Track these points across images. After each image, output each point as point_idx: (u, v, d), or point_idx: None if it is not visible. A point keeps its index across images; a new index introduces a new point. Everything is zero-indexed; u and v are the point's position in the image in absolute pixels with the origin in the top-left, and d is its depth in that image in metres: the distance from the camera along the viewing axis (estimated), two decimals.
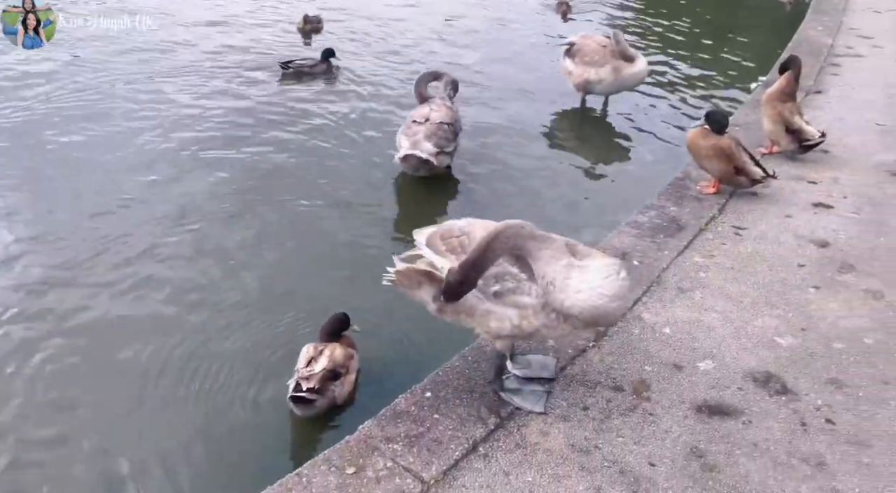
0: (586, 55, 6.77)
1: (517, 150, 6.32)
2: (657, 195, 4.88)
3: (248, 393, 3.47)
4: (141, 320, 3.99)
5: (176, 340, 3.80)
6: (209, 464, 3.11)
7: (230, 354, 3.72)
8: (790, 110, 5.28)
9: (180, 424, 3.30)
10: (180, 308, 4.08)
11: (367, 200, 5.38)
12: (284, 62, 7.74)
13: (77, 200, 5.15)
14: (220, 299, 4.16)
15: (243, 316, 4.01)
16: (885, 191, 5.10)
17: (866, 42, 8.77)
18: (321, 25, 9.13)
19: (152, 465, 3.10)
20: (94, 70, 7.47)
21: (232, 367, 3.63)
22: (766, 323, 3.59)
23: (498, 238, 2.43)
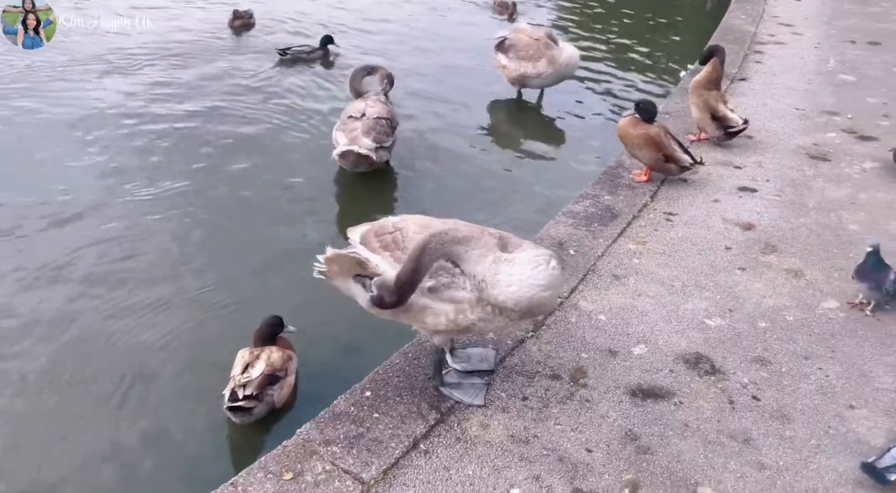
0: (521, 50, 6.83)
1: (454, 144, 6.34)
2: (591, 184, 4.98)
3: (181, 399, 3.37)
4: (66, 320, 3.84)
5: (103, 342, 3.67)
6: (141, 475, 3.01)
7: (161, 357, 3.62)
8: (715, 98, 5.46)
9: (109, 433, 3.18)
10: (105, 308, 3.94)
11: (304, 197, 5.30)
12: (282, 49, 7.86)
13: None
14: (148, 300, 4.03)
15: (173, 317, 3.90)
16: (804, 173, 5.34)
17: (787, 29, 9.14)
18: (252, 21, 8.87)
19: (79, 477, 2.99)
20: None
21: (163, 371, 3.53)
22: (695, 306, 3.72)
23: (425, 251, 2.43)
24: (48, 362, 3.57)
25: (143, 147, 5.83)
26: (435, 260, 2.50)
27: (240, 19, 8.78)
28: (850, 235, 4.49)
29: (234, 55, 8.02)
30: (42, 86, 6.83)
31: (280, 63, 7.76)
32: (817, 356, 3.39)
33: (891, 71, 7.76)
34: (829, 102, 6.75)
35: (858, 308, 3.74)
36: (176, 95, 6.86)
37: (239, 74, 7.47)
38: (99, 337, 3.74)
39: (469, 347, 3.28)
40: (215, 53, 8.00)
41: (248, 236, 4.74)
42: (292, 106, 6.85)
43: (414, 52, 8.58)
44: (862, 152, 5.74)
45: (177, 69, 7.48)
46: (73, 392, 3.40)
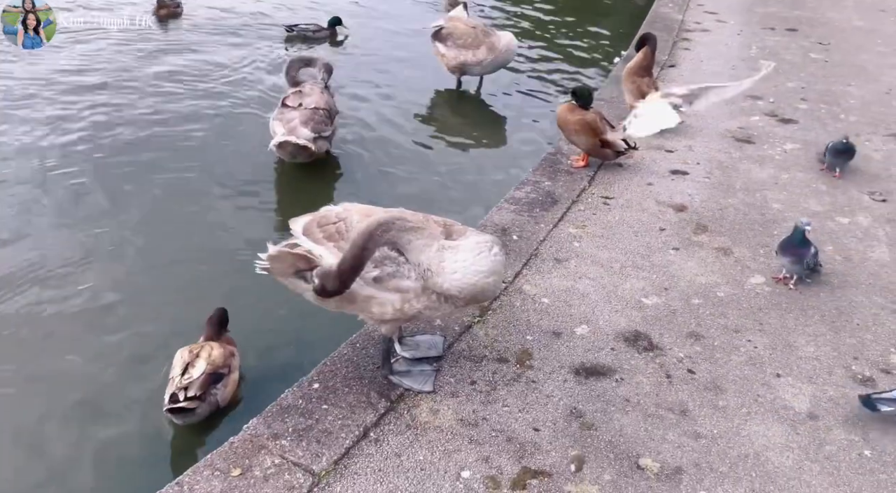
0: (459, 38, 6.85)
1: (395, 132, 6.31)
2: (532, 171, 5.06)
3: (121, 398, 3.27)
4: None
5: (36, 345, 3.51)
6: (82, 482, 2.90)
7: (99, 355, 3.49)
8: (647, 84, 5.64)
9: (46, 441, 3.05)
10: (36, 309, 3.77)
11: (242, 189, 5.18)
12: (289, 25, 8.10)
13: None
14: (81, 298, 3.87)
15: (108, 316, 3.76)
16: (731, 156, 5.59)
17: (712, 17, 9.50)
18: (179, 10, 8.52)
19: (15, 480, 2.87)
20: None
21: (101, 369, 3.41)
22: (633, 286, 3.85)
23: (370, 238, 2.42)
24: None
25: (78, 145, 5.54)
26: (378, 247, 2.50)
27: (165, 8, 8.42)
28: (774, 214, 4.73)
29: (161, 44, 7.72)
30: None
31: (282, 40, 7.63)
32: (746, 329, 3.58)
33: (807, 56, 8.19)
34: (752, 87, 7.06)
35: (783, 283, 3.96)
36: (106, 80, 6.58)
37: (173, 59, 7.21)
38: (33, 340, 3.57)
39: (417, 334, 3.30)
40: (140, 45, 7.70)
41: (185, 230, 4.59)
42: (231, 93, 6.66)
43: (352, 41, 8.48)
44: (783, 134, 6.05)
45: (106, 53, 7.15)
46: (7, 400, 3.23)
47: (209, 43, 7.83)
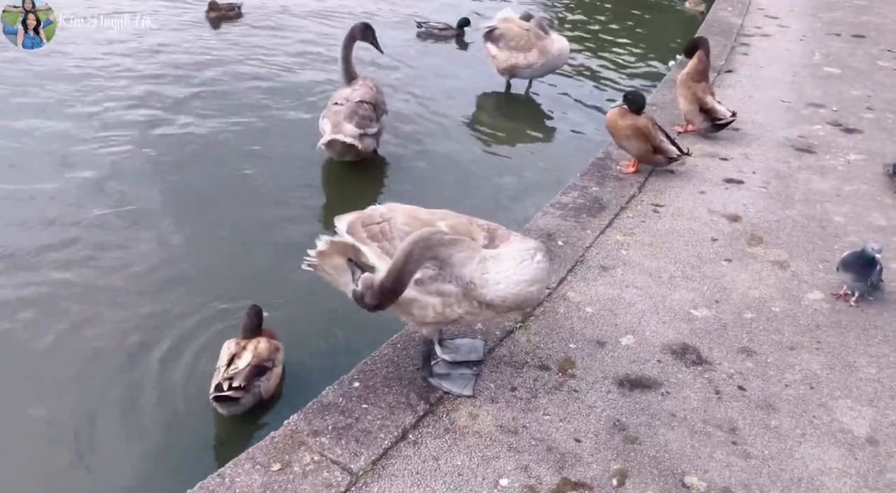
0: (511, 40, 6.79)
1: (442, 134, 6.30)
2: (580, 176, 4.98)
3: (167, 390, 3.34)
4: (50, 308, 3.79)
5: (83, 335, 3.62)
6: (127, 469, 2.98)
7: (146, 347, 3.57)
8: (703, 90, 5.48)
9: (93, 428, 3.13)
10: (91, 296, 3.89)
11: (292, 186, 5.25)
12: (420, 21, 8.67)
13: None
14: (129, 291, 3.98)
15: (156, 308, 3.85)
16: (790, 165, 5.38)
17: (773, 22, 9.19)
18: (233, 13, 8.61)
19: (65, 473, 2.95)
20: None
21: (149, 361, 3.49)
22: (682, 297, 3.74)
23: (409, 258, 2.39)
24: (28, 352, 3.51)
25: (131, 136, 5.73)
26: (420, 266, 2.47)
27: (215, 10, 8.51)
28: (835, 227, 4.53)
29: (214, 43, 7.92)
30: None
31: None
32: (802, 347, 3.43)
33: (875, 64, 7.83)
34: (814, 94, 6.80)
35: (843, 300, 3.78)
36: (162, 79, 6.77)
37: (226, 59, 7.38)
38: (80, 330, 3.67)
39: (458, 337, 3.27)
40: (197, 44, 7.91)
41: (233, 226, 4.68)
42: (284, 92, 6.77)
43: (402, 42, 8.51)
44: (846, 144, 5.79)
45: (162, 55, 7.37)
46: (55, 388, 3.34)
47: (260, 45, 7.94)
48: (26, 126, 5.72)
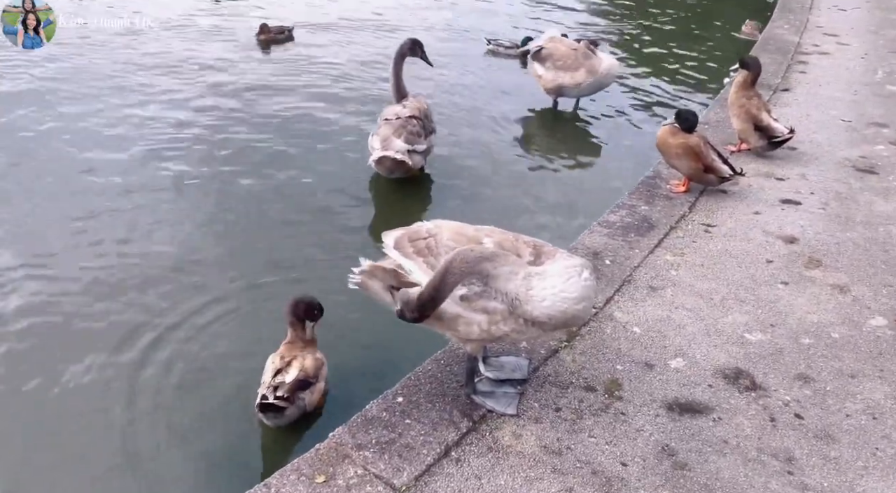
0: (558, 60, 6.79)
1: (489, 151, 6.33)
2: (628, 194, 4.91)
3: (212, 402, 3.40)
4: (103, 324, 3.91)
5: (142, 342, 3.73)
6: (174, 477, 3.04)
7: (193, 360, 3.66)
8: (757, 107, 5.35)
9: (141, 437, 3.21)
10: (145, 309, 4.01)
11: (342, 201, 5.34)
12: (490, 39, 8.96)
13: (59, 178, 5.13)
14: (176, 303, 4.08)
15: (208, 322, 3.94)
16: (850, 186, 5.18)
17: (832, 40, 8.93)
18: (282, 36, 8.79)
19: (111, 480, 3.02)
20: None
21: (197, 373, 3.57)
22: (735, 320, 3.62)
23: (450, 270, 2.39)
24: (79, 362, 3.64)
25: (191, 147, 5.95)
26: (460, 280, 2.47)
27: (265, 34, 8.69)
28: None
29: (266, 67, 8.16)
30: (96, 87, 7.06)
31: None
32: (864, 375, 3.27)
33: None
34: (876, 113, 6.56)
35: None
36: (213, 96, 7.01)
37: (273, 79, 7.60)
38: (129, 340, 3.78)
39: (502, 355, 3.24)
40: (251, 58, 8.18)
41: (282, 240, 4.79)
42: (335, 109, 6.92)
43: (451, 60, 8.61)
44: None
45: (208, 75, 7.64)
46: (107, 397, 3.43)
47: (310, 65, 8.12)
48: (94, 157, 5.98)
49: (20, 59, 7.41)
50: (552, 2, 11.62)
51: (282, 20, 9.17)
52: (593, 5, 11.65)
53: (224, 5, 10.10)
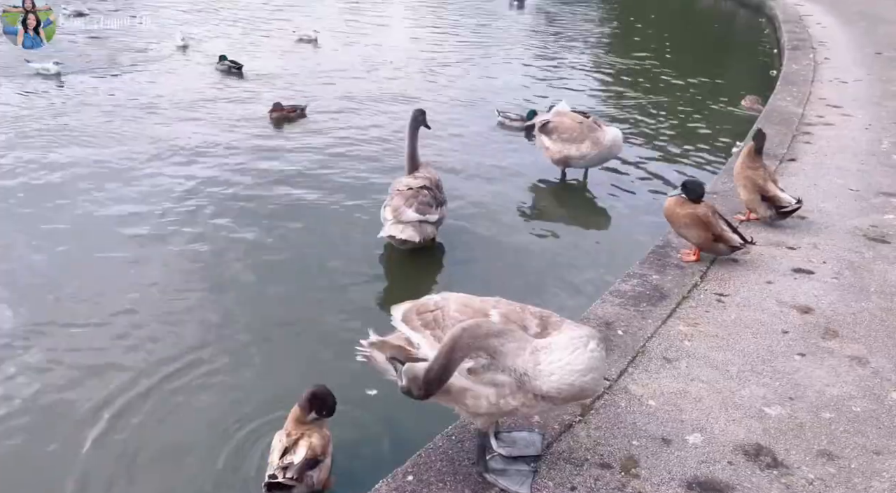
0: (564, 132, 6.99)
1: (499, 221, 6.41)
2: (639, 263, 4.91)
3: (216, 478, 3.33)
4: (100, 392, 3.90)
5: (147, 416, 3.70)
6: None
7: (198, 434, 3.60)
8: (763, 178, 5.40)
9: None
10: (137, 370, 4.04)
11: (352, 274, 5.38)
12: (500, 111, 9.23)
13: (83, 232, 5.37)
14: (181, 367, 4.09)
15: (211, 396, 3.92)
16: (863, 255, 5.16)
17: (835, 111, 9.10)
18: (295, 114, 9.04)
19: None
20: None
21: (195, 446, 3.52)
22: (753, 392, 3.53)
23: (457, 346, 2.38)
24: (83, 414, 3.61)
25: (203, 209, 6.08)
26: (467, 355, 2.45)
27: (277, 111, 8.96)
28: None
29: (278, 144, 8.42)
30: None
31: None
32: (890, 452, 3.15)
33: None
34: (884, 182, 6.60)
35: None
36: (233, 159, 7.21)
37: (285, 154, 7.82)
38: (131, 409, 3.76)
39: (514, 430, 3.17)
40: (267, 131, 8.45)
41: (290, 308, 4.82)
42: (347, 182, 7.07)
43: (461, 131, 8.86)
44: None
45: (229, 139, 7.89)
46: (108, 471, 3.38)
47: (322, 140, 8.34)
48: (101, 221, 6.15)
49: (34, 129, 7.70)
50: (559, 76, 12.04)
51: (296, 99, 9.51)
52: (598, 81, 12.04)
53: (240, 83, 10.54)
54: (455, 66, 12.47)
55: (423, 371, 2.42)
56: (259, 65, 11.55)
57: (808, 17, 15.51)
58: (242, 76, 10.81)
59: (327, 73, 11.25)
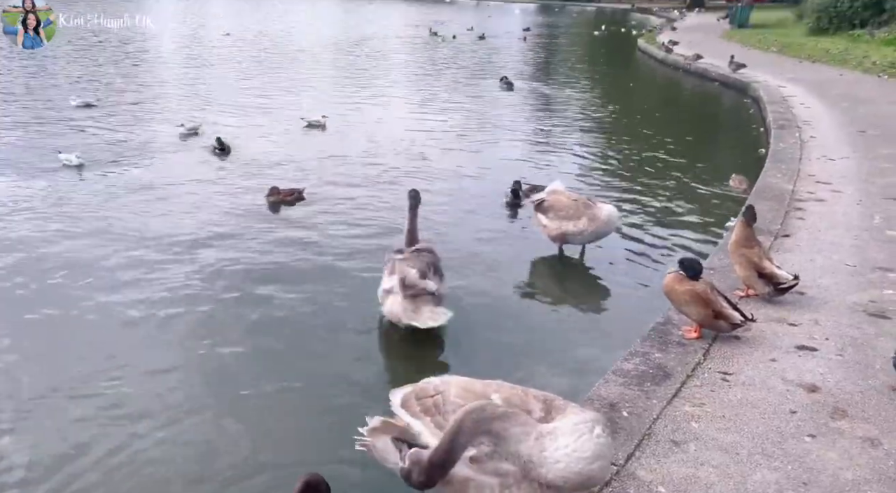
0: (560, 210, 7.11)
1: (498, 301, 6.38)
2: (640, 341, 4.85)
3: None
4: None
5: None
6: None
7: None
8: (758, 255, 5.44)
9: None
10: (142, 451, 3.91)
11: (348, 356, 5.30)
12: (521, 184, 8.91)
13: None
14: (172, 453, 3.95)
15: (198, 475, 3.78)
16: (864, 332, 5.11)
17: (826, 187, 9.27)
18: (292, 198, 9.01)
19: None
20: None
21: None
22: (765, 477, 3.41)
23: (461, 431, 2.33)
24: None
25: (185, 309, 6.04)
26: (471, 441, 2.39)
27: (274, 195, 8.92)
28: None
29: (275, 226, 8.52)
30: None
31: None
32: None
33: None
34: (879, 257, 6.63)
35: None
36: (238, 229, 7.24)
37: (282, 237, 7.88)
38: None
39: None
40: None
41: (285, 396, 4.71)
42: (344, 266, 7.09)
43: (455, 210, 8.97)
44: None
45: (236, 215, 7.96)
46: None
47: (320, 222, 8.34)
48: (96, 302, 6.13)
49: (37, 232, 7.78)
50: (550, 156, 12.34)
51: (298, 182, 9.61)
52: (588, 161, 12.35)
53: (241, 168, 10.77)
54: (452, 144, 12.84)
55: (426, 459, 2.34)
56: (264, 149, 11.88)
57: (791, 98, 16.10)
58: (226, 157, 11.01)
59: (329, 156, 11.53)
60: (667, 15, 56.83)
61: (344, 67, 24.12)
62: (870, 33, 25.50)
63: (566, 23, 57.46)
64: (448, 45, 32.53)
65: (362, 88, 19.51)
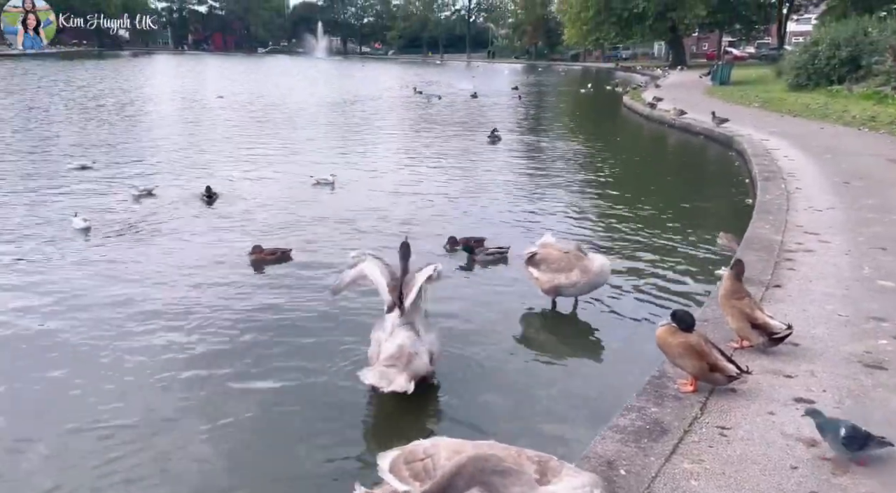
0: (553, 263, 7.12)
1: (490, 357, 6.28)
2: (636, 396, 4.76)
3: None
4: None
5: None
6: None
7: None
8: (750, 307, 5.42)
9: None
10: None
11: (333, 423, 5.15)
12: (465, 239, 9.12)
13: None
14: None
15: None
16: (862, 383, 5.05)
17: (814, 237, 9.35)
18: (273, 257, 8.78)
19: None
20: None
21: None
22: None
23: (460, 475, 2.27)
24: None
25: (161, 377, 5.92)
26: (469, 488, 2.31)
27: (256, 254, 8.70)
28: None
29: (256, 286, 8.46)
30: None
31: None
32: None
33: None
34: (871, 307, 6.63)
35: None
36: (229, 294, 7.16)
37: (263, 298, 7.81)
38: None
39: None
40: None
41: (268, 463, 4.55)
42: (330, 326, 6.98)
43: (443, 261, 8.94)
44: None
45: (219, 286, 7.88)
46: None
47: (304, 282, 8.18)
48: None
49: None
50: (540, 211, 12.45)
51: (279, 243, 9.39)
52: (575, 215, 12.45)
53: (224, 223, 10.77)
54: (441, 198, 12.96)
55: (421, 490, 2.25)
56: (266, 205, 11.94)
57: (775, 151, 16.43)
58: (212, 205, 11.25)
59: (330, 214, 11.54)
60: (650, 73, 58.78)
61: (340, 125, 24.59)
62: (848, 89, 26.35)
63: (553, 81, 59.15)
64: (441, 103, 33.33)
65: (359, 145, 19.85)
